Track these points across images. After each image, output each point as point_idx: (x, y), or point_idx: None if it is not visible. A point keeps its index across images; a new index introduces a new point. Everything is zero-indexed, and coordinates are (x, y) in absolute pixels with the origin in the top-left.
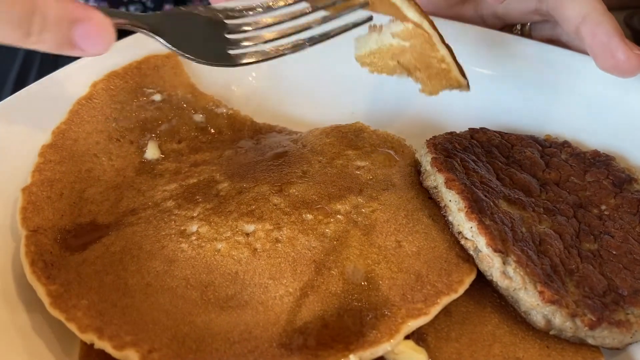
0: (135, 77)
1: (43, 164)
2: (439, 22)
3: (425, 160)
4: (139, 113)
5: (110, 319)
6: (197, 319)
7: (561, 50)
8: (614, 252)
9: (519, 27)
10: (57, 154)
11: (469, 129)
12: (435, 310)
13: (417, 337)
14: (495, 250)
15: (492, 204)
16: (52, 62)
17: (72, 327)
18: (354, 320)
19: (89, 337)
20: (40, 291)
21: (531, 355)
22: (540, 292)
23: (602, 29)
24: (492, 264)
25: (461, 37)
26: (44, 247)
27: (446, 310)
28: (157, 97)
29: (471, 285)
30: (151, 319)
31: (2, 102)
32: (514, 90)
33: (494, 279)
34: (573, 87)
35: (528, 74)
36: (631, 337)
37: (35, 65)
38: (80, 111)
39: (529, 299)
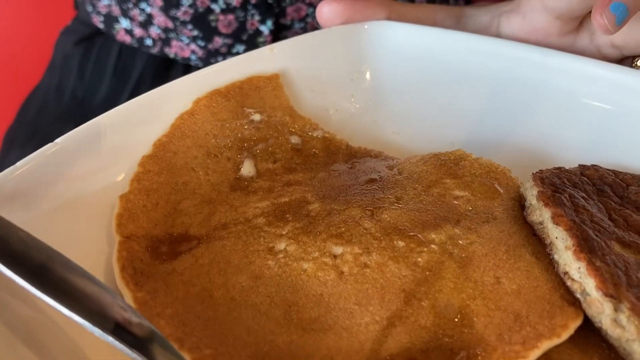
0: (237, 97)
1: (142, 174)
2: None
3: (531, 194)
4: (238, 131)
5: (192, 331)
6: (278, 339)
7: None
8: None
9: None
10: (157, 165)
11: (579, 165)
12: (534, 355)
13: None
14: (606, 295)
15: (603, 244)
16: (162, 78)
17: None
18: (444, 357)
19: None
20: (128, 297)
21: None
22: None
23: None
24: (602, 310)
25: (576, 68)
26: (136, 254)
27: (547, 357)
28: (257, 117)
29: (576, 332)
30: (232, 334)
31: (112, 111)
32: (631, 127)
33: (604, 327)
34: None
35: None
36: None
37: (147, 80)
38: (182, 125)
39: None
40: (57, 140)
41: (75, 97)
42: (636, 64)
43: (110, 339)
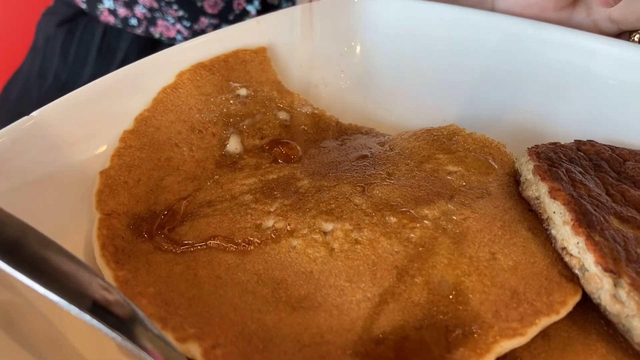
0: (222, 70)
1: (123, 149)
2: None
3: (527, 168)
4: (223, 106)
5: (176, 310)
6: (266, 317)
7: None
8: None
9: (637, 36)
10: (138, 141)
11: (575, 140)
12: (532, 332)
13: None
14: (605, 270)
15: (602, 219)
16: (150, 49)
17: None
18: (439, 335)
19: None
20: (108, 275)
21: None
22: None
23: None
24: (601, 285)
25: (572, 42)
26: (117, 231)
27: (544, 334)
28: (243, 92)
29: (574, 309)
30: (218, 312)
31: (88, 85)
32: (628, 102)
33: (603, 303)
34: None
35: None
36: None
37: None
38: (164, 100)
39: None
40: (34, 113)
41: (59, 80)
42: (634, 39)
43: (87, 317)
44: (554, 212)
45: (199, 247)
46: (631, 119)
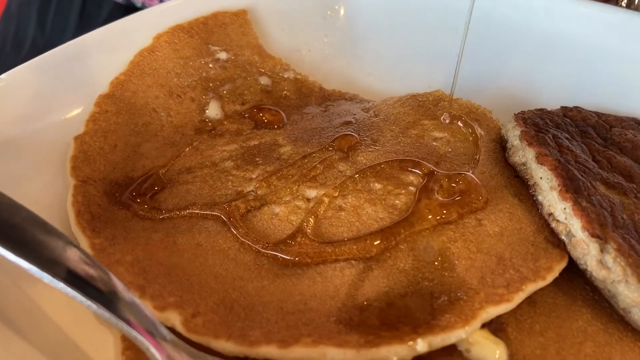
0: (201, 33)
1: (99, 114)
2: None
3: (513, 134)
4: (202, 70)
5: (155, 278)
6: (248, 285)
7: None
8: None
9: (625, 1)
10: (114, 105)
11: (562, 107)
12: (519, 298)
13: (496, 327)
14: (592, 235)
15: (589, 184)
16: (122, 10)
17: None
18: (424, 301)
19: None
20: (84, 244)
21: (630, 359)
22: None
23: None
24: (588, 251)
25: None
26: (92, 198)
27: (530, 300)
28: (223, 56)
29: (560, 275)
30: (198, 280)
31: (61, 46)
32: (615, 68)
33: (589, 269)
34: None
35: (633, 50)
36: None
37: (103, 12)
38: (141, 63)
39: (631, 294)
40: (2, 76)
41: (36, 48)
42: (621, 4)
43: (60, 285)
44: (541, 178)
45: (179, 214)
46: (618, 85)
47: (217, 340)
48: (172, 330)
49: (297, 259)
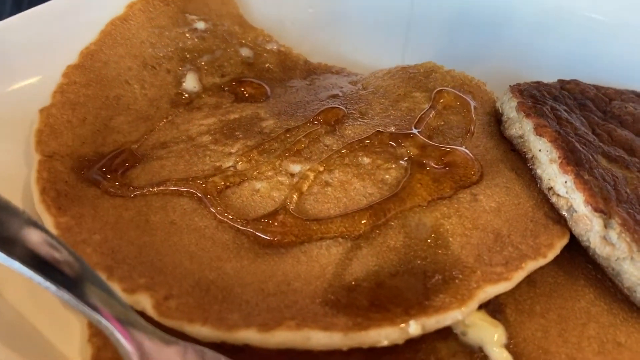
0: (177, 1)
1: (67, 85)
2: None
3: (509, 106)
4: (179, 40)
5: (124, 258)
6: (226, 265)
7: None
8: None
9: None
10: (84, 76)
11: (559, 79)
12: (518, 277)
13: (494, 308)
14: (595, 210)
15: (590, 157)
16: None
17: None
18: (416, 281)
19: None
20: (49, 222)
21: (636, 340)
22: None
23: None
24: (591, 227)
25: None
26: (59, 175)
27: (530, 280)
28: (201, 26)
29: (561, 253)
30: (172, 261)
31: (25, 12)
32: (614, 41)
33: (592, 245)
34: None
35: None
36: None
37: None
38: (113, 32)
39: (636, 271)
40: None
41: None
42: None
43: (16, 264)
44: (540, 150)
45: (152, 191)
46: (616, 57)
47: (192, 324)
48: (143, 315)
49: (276, 238)
